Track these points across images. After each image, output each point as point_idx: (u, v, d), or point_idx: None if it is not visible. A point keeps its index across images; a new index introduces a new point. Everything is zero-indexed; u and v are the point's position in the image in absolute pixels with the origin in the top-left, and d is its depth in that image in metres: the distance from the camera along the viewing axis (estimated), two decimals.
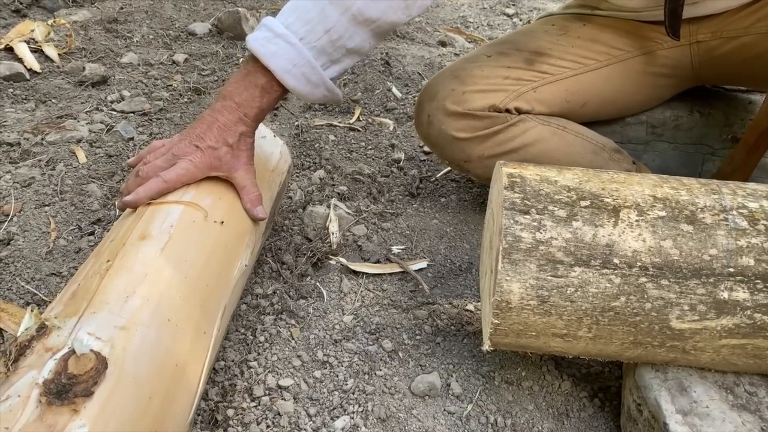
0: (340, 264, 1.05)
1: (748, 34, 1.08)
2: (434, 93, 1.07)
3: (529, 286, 0.70)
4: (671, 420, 0.71)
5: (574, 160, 1.08)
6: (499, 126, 1.04)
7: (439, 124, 1.05)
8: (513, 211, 0.71)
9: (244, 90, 0.87)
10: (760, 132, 1.03)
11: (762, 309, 0.68)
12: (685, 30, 1.11)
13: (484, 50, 1.13)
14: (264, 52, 0.85)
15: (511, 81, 1.06)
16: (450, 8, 2.46)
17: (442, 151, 1.10)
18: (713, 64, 1.14)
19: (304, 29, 0.85)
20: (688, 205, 0.71)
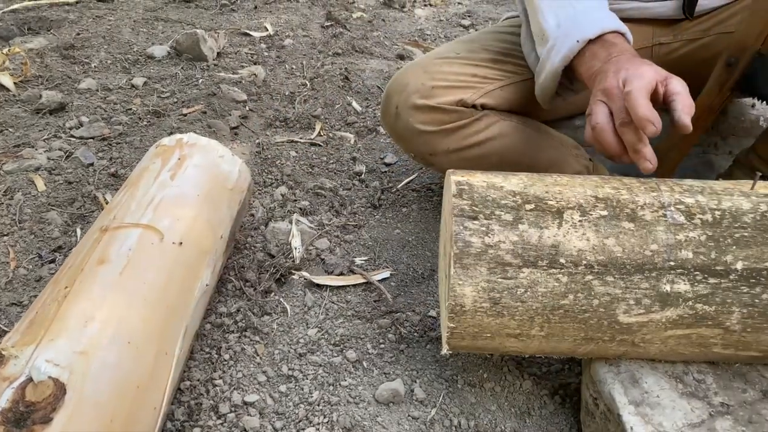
0: (303, 278, 1.07)
1: (707, 36, 1.13)
2: (403, 86, 1.08)
3: (481, 289, 0.72)
4: (624, 411, 0.73)
5: (535, 155, 1.11)
6: (465, 120, 1.06)
7: (407, 117, 1.07)
8: (462, 218, 0.73)
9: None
10: (699, 113, 1.06)
11: (702, 299, 0.71)
12: (648, 32, 1.15)
13: (452, 47, 1.16)
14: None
15: (479, 79, 1.09)
16: (407, 22, 2.49)
17: (408, 144, 1.11)
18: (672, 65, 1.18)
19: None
20: (629, 204, 0.73)
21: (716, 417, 0.73)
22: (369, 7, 2.62)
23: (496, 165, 1.10)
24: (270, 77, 1.86)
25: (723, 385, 0.77)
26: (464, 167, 1.08)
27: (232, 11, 2.45)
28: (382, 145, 1.53)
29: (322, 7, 2.55)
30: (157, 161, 1.02)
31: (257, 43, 2.13)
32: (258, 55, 2.03)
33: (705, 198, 0.74)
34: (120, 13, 2.29)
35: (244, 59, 1.98)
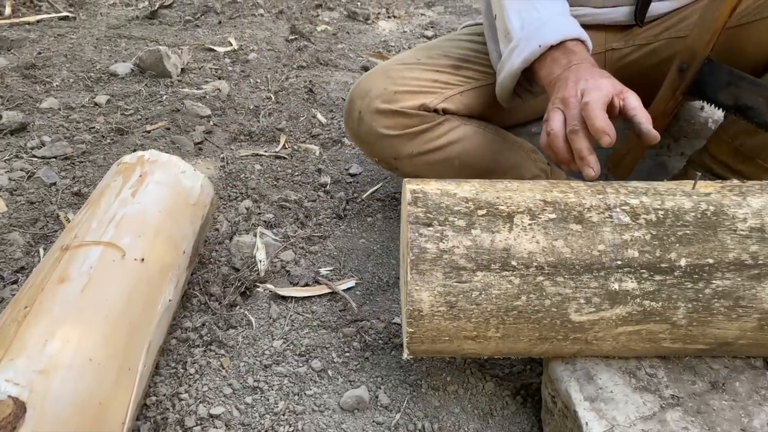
0: (268, 291, 1.07)
1: (657, 41, 1.17)
2: (366, 91, 1.10)
3: (437, 293, 0.74)
4: (580, 407, 0.76)
5: (495, 158, 1.14)
6: (428, 124, 1.08)
7: (370, 121, 1.08)
8: (417, 225, 0.75)
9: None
10: (655, 116, 1.10)
11: (650, 296, 0.74)
12: (600, 38, 1.19)
13: (413, 54, 1.18)
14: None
15: (440, 84, 1.11)
16: (372, 34, 2.52)
17: (371, 148, 1.13)
18: (621, 72, 1.22)
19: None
20: (576, 206, 0.76)
21: (667, 409, 0.75)
22: (333, 20, 2.64)
23: (458, 168, 1.12)
24: (234, 92, 1.87)
25: (674, 378, 0.80)
26: (428, 171, 1.11)
27: (197, 27, 2.46)
28: (348, 156, 1.55)
29: (286, 21, 2.57)
30: (119, 179, 1.03)
31: (221, 58, 2.13)
32: (222, 69, 2.03)
33: (649, 199, 0.77)
34: (82, 32, 2.28)
35: (209, 74, 1.99)
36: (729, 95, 0.98)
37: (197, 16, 2.55)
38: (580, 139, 0.82)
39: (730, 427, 0.73)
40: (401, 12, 2.83)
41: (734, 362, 0.82)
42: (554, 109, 0.86)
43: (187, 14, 2.57)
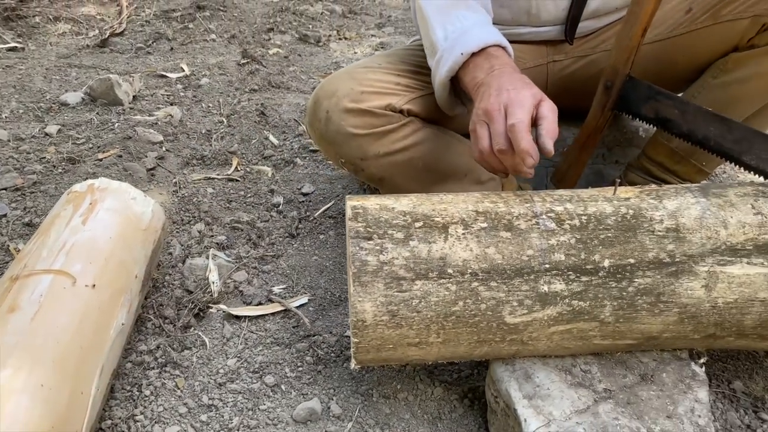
0: (221, 311, 1.10)
1: (594, 53, 1.24)
2: (333, 91, 1.11)
3: (379, 303, 0.77)
4: (519, 405, 0.80)
5: (454, 159, 1.18)
6: (394, 124, 1.11)
7: (339, 120, 1.10)
8: (358, 239, 0.79)
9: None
10: (589, 132, 1.17)
11: (577, 296, 0.79)
12: (543, 51, 1.26)
13: (374, 59, 1.22)
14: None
15: (402, 87, 1.14)
16: (323, 56, 2.57)
17: (339, 148, 1.13)
18: (562, 82, 1.29)
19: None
20: (506, 215, 0.81)
21: (600, 402, 0.80)
22: (285, 43, 2.68)
23: (422, 170, 1.16)
24: (187, 117, 1.89)
25: (606, 373, 0.85)
26: (393, 172, 1.15)
27: (148, 54, 2.47)
28: (300, 176, 1.58)
29: (238, 45, 2.60)
30: (69, 207, 1.04)
31: (174, 84, 2.15)
32: (174, 95, 2.05)
33: (573, 205, 0.82)
34: (31, 62, 2.27)
35: (161, 101, 2.01)
36: (650, 109, 1.05)
37: (149, 43, 2.57)
38: (509, 158, 0.87)
39: (657, 415, 0.78)
40: (352, 34, 2.89)
41: (662, 355, 0.88)
42: (480, 122, 0.90)
43: (139, 42, 2.58)
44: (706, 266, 0.80)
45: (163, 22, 2.83)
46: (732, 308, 0.81)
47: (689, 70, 1.15)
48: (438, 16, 1.04)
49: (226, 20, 2.90)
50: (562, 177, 1.25)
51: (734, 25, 1.07)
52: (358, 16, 3.18)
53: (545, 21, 1.20)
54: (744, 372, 1.00)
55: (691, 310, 0.81)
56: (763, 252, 0.81)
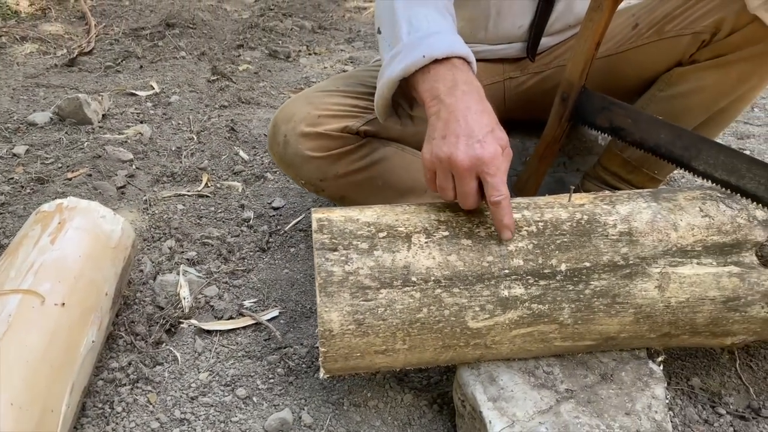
0: (193, 326, 1.11)
1: (548, 69, 1.28)
2: (290, 116, 1.14)
3: (345, 312, 0.79)
4: (484, 408, 0.82)
5: (414, 176, 1.21)
6: (351, 146, 1.14)
7: (296, 144, 1.13)
8: (323, 251, 0.81)
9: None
10: (547, 143, 1.21)
11: (537, 300, 0.82)
12: (499, 69, 1.29)
13: (332, 82, 1.24)
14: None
15: (359, 109, 1.17)
16: (293, 71, 2.60)
17: (298, 171, 1.16)
18: (520, 97, 1.33)
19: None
20: (466, 223, 0.84)
21: (561, 402, 0.83)
22: (255, 59, 2.70)
23: (382, 188, 1.18)
24: (156, 134, 1.89)
25: (568, 373, 0.88)
26: (353, 192, 1.17)
27: (117, 72, 2.47)
28: (270, 190, 1.60)
29: (208, 62, 2.61)
30: (37, 227, 1.05)
31: (143, 102, 2.16)
32: (144, 113, 2.06)
33: (530, 212, 0.85)
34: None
35: (131, 119, 2.01)
36: (604, 119, 1.09)
37: (118, 62, 2.57)
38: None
39: (616, 413, 0.81)
40: (322, 49, 2.92)
41: (621, 354, 0.91)
42: (443, 170, 0.82)
43: (108, 60, 2.58)
44: (659, 268, 0.83)
45: (132, 40, 2.84)
46: (684, 307, 0.85)
47: (637, 83, 1.20)
48: (405, 10, 0.95)
49: (195, 37, 2.91)
50: (522, 186, 1.29)
51: (677, 40, 1.12)
52: (327, 31, 3.22)
53: (501, 38, 1.24)
54: (701, 369, 1.04)
55: (646, 310, 0.84)
56: (712, 253, 0.85)
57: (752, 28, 1.02)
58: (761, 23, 0.97)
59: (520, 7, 1.19)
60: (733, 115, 1.18)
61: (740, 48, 1.05)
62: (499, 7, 1.19)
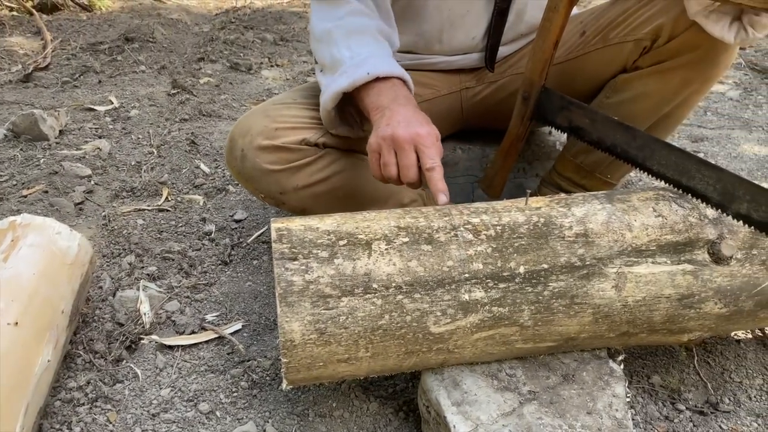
0: (154, 342, 1.09)
1: (503, 78, 1.30)
2: (247, 130, 1.13)
3: (307, 322, 0.79)
4: (448, 412, 0.82)
5: (375, 185, 1.21)
6: (310, 158, 1.14)
7: (253, 158, 1.12)
8: (283, 260, 0.80)
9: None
10: (511, 141, 1.22)
11: (497, 302, 0.82)
12: (456, 80, 1.31)
13: (289, 95, 1.24)
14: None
15: (317, 121, 1.16)
16: (255, 83, 2.59)
17: (257, 184, 1.15)
18: (476, 106, 1.35)
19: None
20: (426, 229, 0.84)
21: (525, 404, 0.84)
22: (216, 72, 2.69)
23: (343, 199, 1.18)
24: (116, 149, 1.86)
25: (530, 375, 0.89)
26: (314, 204, 1.17)
27: (75, 87, 2.43)
28: (232, 202, 1.59)
29: (168, 76, 2.58)
30: None
31: (102, 117, 2.12)
32: (103, 128, 2.03)
33: (488, 216, 0.86)
34: None
35: (89, 134, 1.98)
36: (564, 118, 1.11)
37: (76, 77, 2.53)
38: (413, 186, 0.99)
39: (578, 412, 0.82)
40: (284, 61, 2.92)
41: (582, 355, 0.93)
42: (387, 147, 0.97)
43: (65, 75, 2.54)
44: (615, 267, 0.85)
45: (90, 55, 2.80)
46: (641, 306, 0.86)
47: (588, 89, 1.23)
48: (345, 39, 1.06)
49: (155, 51, 2.89)
50: (489, 183, 1.30)
51: (621, 47, 1.15)
52: (289, 43, 3.22)
53: (456, 50, 1.25)
54: (661, 366, 1.06)
55: (604, 310, 0.85)
56: (666, 252, 0.87)
57: (690, 34, 1.05)
58: (699, 29, 1.00)
59: (472, 19, 1.21)
60: (678, 120, 1.21)
61: (680, 54, 1.08)
62: (451, 19, 1.20)
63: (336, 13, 1.09)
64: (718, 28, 0.96)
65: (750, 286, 0.90)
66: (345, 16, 1.09)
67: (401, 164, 0.96)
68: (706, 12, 0.96)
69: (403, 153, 0.95)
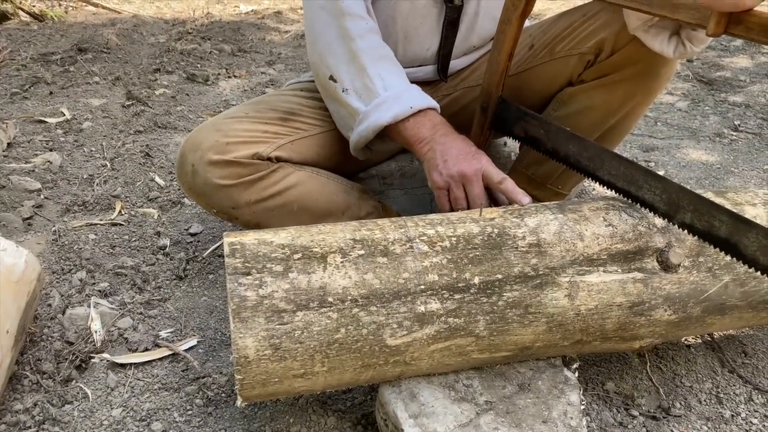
0: (105, 360, 1.06)
1: (456, 91, 1.31)
2: (197, 144, 1.11)
3: (261, 338, 0.78)
4: (406, 425, 0.82)
5: (331, 198, 1.20)
6: (263, 172, 1.12)
7: (204, 173, 1.10)
8: (236, 275, 0.79)
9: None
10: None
11: (452, 314, 0.82)
12: None
13: (241, 109, 1.23)
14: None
15: (270, 135, 1.16)
16: (212, 94, 2.56)
17: (209, 200, 1.14)
18: None
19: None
20: (382, 241, 0.84)
21: (481, 414, 0.84)
22: (172, 83, 2.65)
23: (297, 213, 1.17)
24: (67, 162, 1.82)
25: (487, 385, 0.89)
26: (268, 218, 1.16)
27: (25, 99, 2.37)
28: (188, 216, 1.56)
29: (123, 87, 2.54)
30: None
31: (53, 129, 2.07)
32: (54, 141, 1.97)
33: (443, 228, 0.87)
34: None
35: (39, 147, 1.92)
36: (520, 128, 1.13)
37: (26, 88, 2.46)
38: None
39: (534, 421, 0.83)
40: (242, 72, 2.89)
41: (538, 364, 0.93)
42: (456, 184, 1.04)
43: (14, 86, 2.47)
44: (567, 277, 0.86)
45: (41, 65, 2.73)
46: (594, 314, 0.88)
47: (537, 102, 1.25)
48: (373, 65, 1.10)
49: (109, 62, 2.83)
50: None
51: (566, 61, 1.18)
52: (247, 54, 3.19)
53: (412, 61, 1.26)
54: (615, 373, 1.08)
55: (557, 318, 0.87)
56: (617, 260, 0.89)
57: (631, 48, 1.08)
58: (639, 43, 1.03)
59: (427, 31, 1.22)
60: (624, 131, 1.24)
61: (622, 67, 1.12)
62: (406, 31, 1.21)
63: (351, 27, 1.11)
64: (658, 42, 0.99)
65: (697, 293, 0.92)
66: (365, 35, 1.11)
67: (471, 195, 1.03)
68: (646, 27, 0.99)
69: (471, 186, 1.02)
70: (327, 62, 1.13)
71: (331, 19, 1.12)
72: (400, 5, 1.19)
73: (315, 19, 1.14)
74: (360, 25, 1.11)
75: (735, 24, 0.78)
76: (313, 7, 1.14)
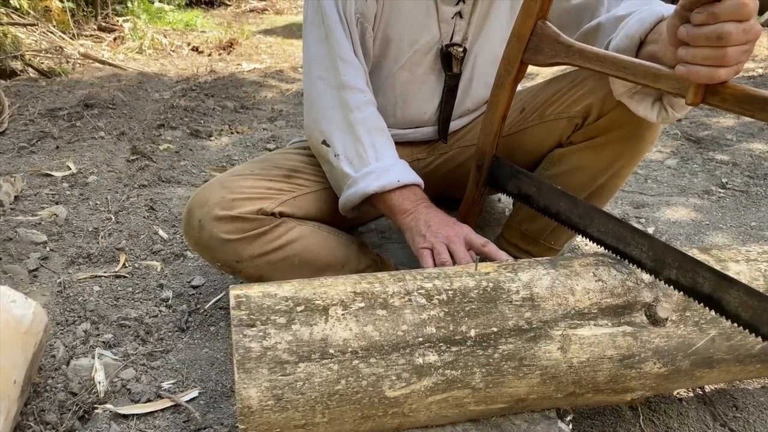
0: (108, 411, 1.07)
1: (451, 150, 1.38)
2: (205, 200, 1.16)
3: (264, 388, 0.80)
4: None
5: (331, 252, 1.24)
6: (266, 227, 1.17)
7: (211, 228, 1.14)
8: (241, 327, 0.82)
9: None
10: (467, 206, 1.28)
11: (449, 366, 0.85)
12: (408, 151, 1.37)
13: (247, 167, 1.28)
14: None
15: (274, 191, 1.21)
16: (215, 149, 2.63)
17: (214, 254, 1.18)
18: (428, 176, 1.41)
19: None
20: (381, 294, 0.88)
21: None
22: (176, 138, 2.72)
23: (299, 266, 1.21)
24: (72, 215, 1.86)
25: None
26: (270, 271, 1.19)
27: (32, 153, 2.43)
28: (190, 268, 1.60)
29: (128, 142, 2.60)
30: None
31: (59, 183, 2.12)
32: (60, 194, 2.02)
33: (440, 281, 0.90)
34: None
35: (45, 200, 1.97)
36: (514, 186, 1.18)
37: (33, 142, 2.53)
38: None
39: None
40: (244, 127, 2.97)
41: (533, 416, 0.96)
42: (439, 243, 1.10)
43: (22, 141, 2.53)
44: (560, 330, 0.90)
45: (48, 120, 2.80)
46: (586, 366, 0.91)
47: (528, 161, 1.31)
48: (368, 136, 1.18)
49: (115, 117, 2.91)
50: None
51: (556, 123, 1.24)
52: (249, 110, 3.28)
53: (409, 123, 1.33)
54: (609, 426, 1.10)
55: (551, 371, 0.89)
56: (606, 314, 0.92)
57: (617, 112, 1.15)
58: (624, 108, 1.09)
59: (424, 95, 1.29)
60: (613, 189, 1.30)
61: (609, 131, 1.18)
62: (404, 95, 1.28)
63: (351, 99, 1.18)
64: (642, 108, 1.05)
65: (685, 346, 0.96)
66: (363, 107, 1.19)
67: (458, 257, 1.07)
68: (630, 93, 1.05)
69: (456, 247, 1.08)
70: (321, 127, 1.20)
71: (329, 89, 1.19)
72: (399, 73, 1.26)
73: (312, 87, 1.22)
74: (359, 97, 1.18)
75: (711, 95, 0.84)
76: (311, 77, 1.21)
